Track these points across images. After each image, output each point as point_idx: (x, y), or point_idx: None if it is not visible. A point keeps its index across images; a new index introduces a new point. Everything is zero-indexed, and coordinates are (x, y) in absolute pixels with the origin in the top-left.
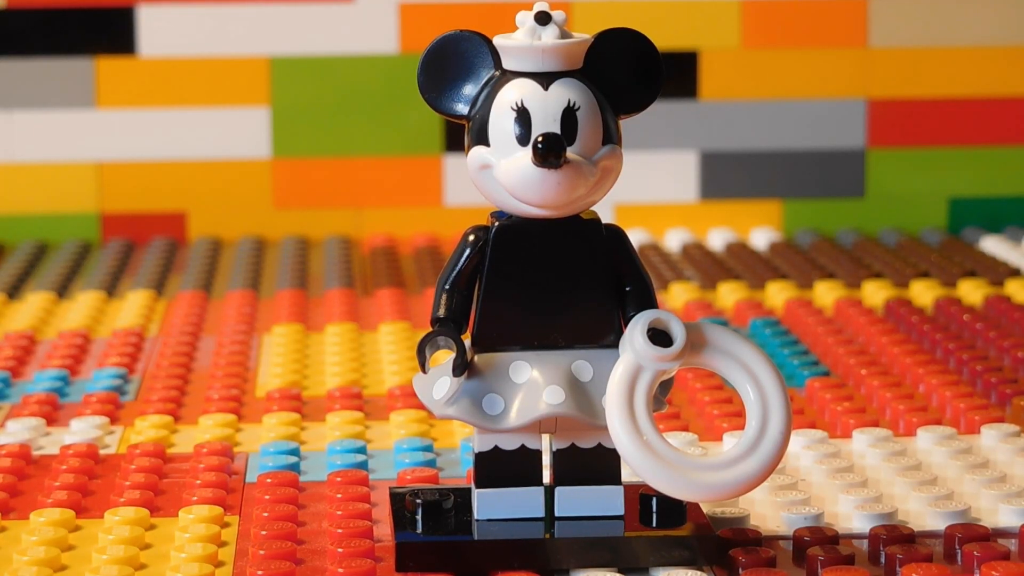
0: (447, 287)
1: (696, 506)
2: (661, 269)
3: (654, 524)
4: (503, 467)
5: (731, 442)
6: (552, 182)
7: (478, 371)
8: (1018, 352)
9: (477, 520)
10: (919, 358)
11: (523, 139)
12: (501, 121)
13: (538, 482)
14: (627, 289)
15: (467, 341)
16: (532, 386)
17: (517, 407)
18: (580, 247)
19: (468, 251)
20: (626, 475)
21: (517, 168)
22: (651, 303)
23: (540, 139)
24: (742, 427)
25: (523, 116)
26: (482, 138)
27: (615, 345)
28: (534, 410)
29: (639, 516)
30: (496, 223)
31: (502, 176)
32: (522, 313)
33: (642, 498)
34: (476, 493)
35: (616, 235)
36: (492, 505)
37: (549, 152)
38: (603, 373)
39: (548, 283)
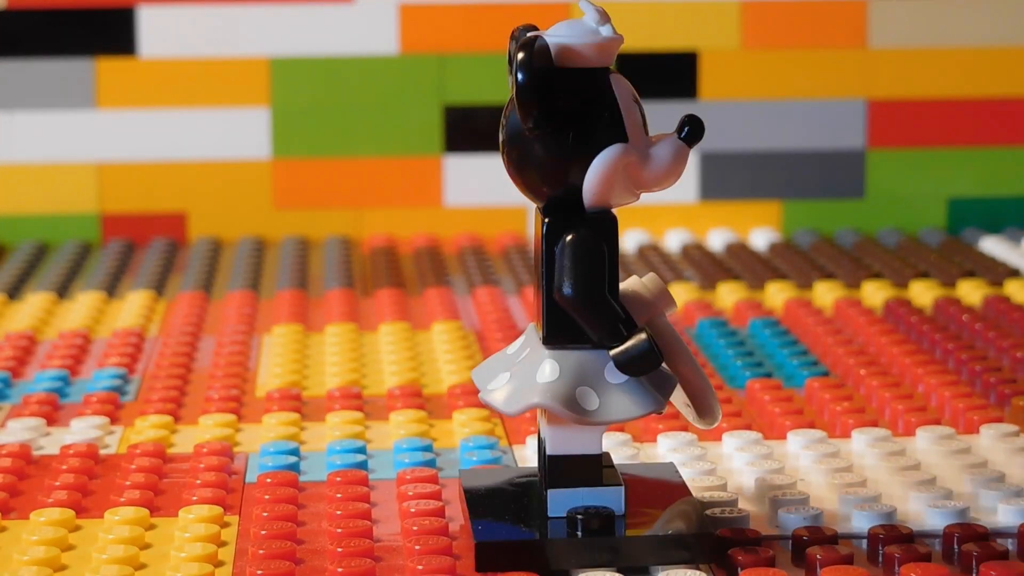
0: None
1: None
2: (661, 269)
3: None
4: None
5: (731, 443)
6: (686, 164)
7: (572, 366)
8: (1017, 352)
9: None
10: (918, 358)
11: (645, 129)
12: (632, 115)
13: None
14: None
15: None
16: (630, 385)
17: (615, 406)
18: None
19: (607, 248)
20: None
21: (673, 154)
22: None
23: (691, 121)
24: (741, 427)
25: (640, 107)
26: (619, 135)
27: None
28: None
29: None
30: (599, 216)
31: (658, 165)
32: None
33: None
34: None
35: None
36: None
37: (702, 132)
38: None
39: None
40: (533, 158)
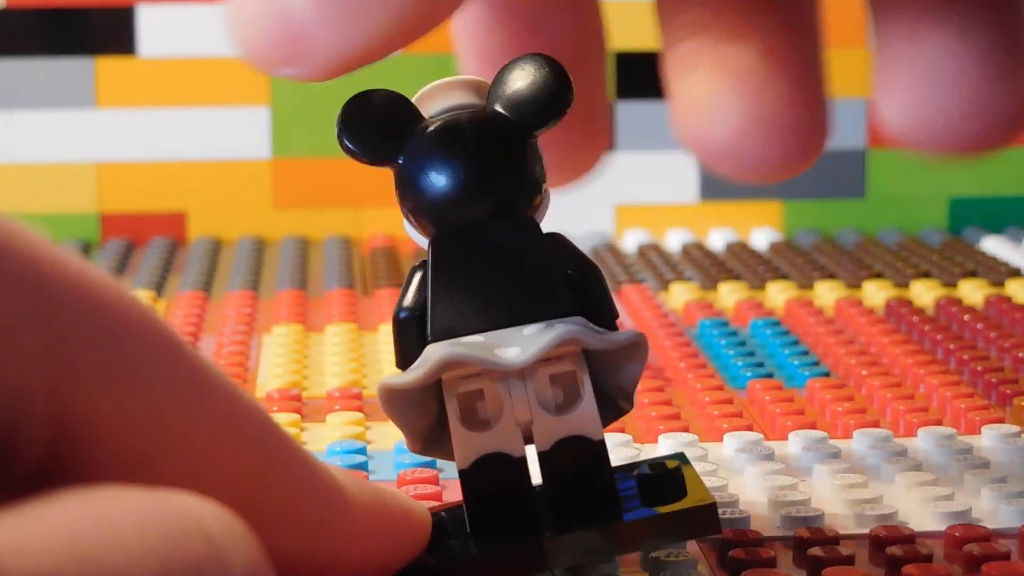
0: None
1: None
2: (662, 269)
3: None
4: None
5: (732, 443)
6: None
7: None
8: (1019, 352)
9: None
10: (920, 358)
11: None
12: None
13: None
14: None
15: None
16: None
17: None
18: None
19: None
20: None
21: None
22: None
23: None
24: (742, 427)
25: None
26: None
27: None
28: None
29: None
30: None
31: None
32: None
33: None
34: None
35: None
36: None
37: None
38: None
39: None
40: None
